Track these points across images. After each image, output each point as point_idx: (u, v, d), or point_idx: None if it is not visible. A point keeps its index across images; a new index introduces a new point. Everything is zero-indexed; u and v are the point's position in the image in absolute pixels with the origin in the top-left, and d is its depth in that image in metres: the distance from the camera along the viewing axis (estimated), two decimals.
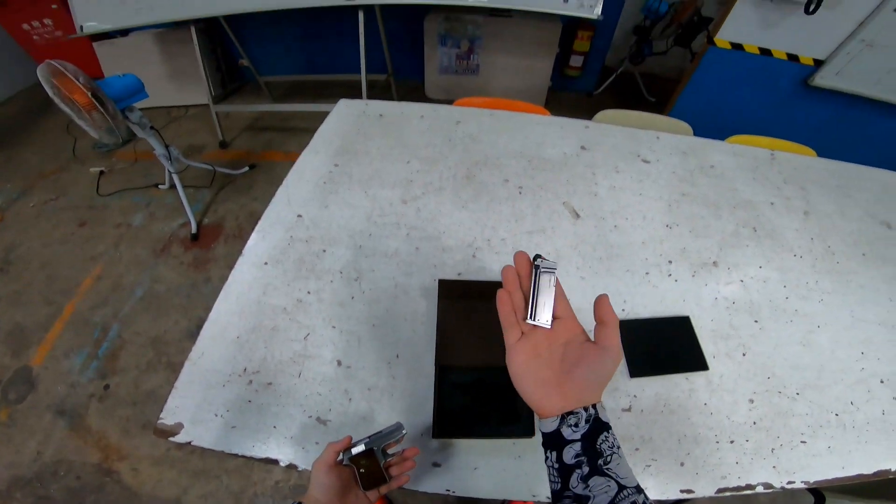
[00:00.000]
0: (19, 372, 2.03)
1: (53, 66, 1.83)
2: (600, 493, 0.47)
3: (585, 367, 0.51)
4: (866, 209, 1.38)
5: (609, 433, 0.50)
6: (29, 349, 2.10)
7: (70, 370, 2.04)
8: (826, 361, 0.98)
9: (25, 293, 2.32)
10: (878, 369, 0.98)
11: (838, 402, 0.92)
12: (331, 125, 1.44)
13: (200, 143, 3.33)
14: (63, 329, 2.18)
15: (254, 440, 0.78)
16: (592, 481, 0.47)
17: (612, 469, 0.48)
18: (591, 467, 0.48)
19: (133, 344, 2.12)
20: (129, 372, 2.02)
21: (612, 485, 0.47)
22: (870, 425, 0.89)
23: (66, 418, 1.89)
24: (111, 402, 1.93)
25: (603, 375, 0.51)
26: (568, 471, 0.49)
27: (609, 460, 0.48)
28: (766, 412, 0.89)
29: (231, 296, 0.98)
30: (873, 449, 0.86)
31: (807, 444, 0.86)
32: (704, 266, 1.13)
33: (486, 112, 1.54)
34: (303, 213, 1.14)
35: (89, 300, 2.29)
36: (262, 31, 3.68)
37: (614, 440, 0.50)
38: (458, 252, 1.09)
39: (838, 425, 0.89)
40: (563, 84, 3.96)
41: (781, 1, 2.34)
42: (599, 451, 0.48)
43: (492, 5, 2.51)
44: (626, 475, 0.48)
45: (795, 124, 2.92)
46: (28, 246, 2.55)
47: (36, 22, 3.52)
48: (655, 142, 1.50)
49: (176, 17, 2.60)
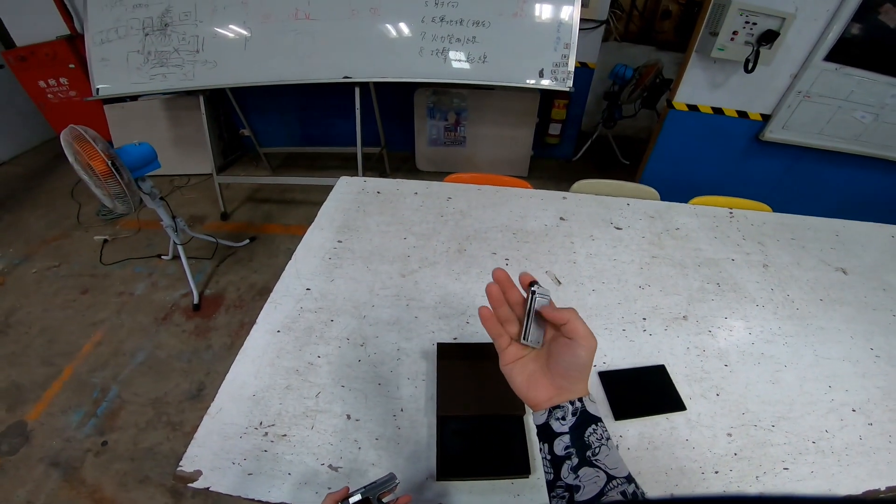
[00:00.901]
0: (13, 426, 2.02)
1: (77, 130, 1.88)
2: (590, 483, 0.49)
3: (562, 359, 0.54)
4: (820, 258, 1.53)
5: (598, 425, 0.52)
6: (25, 405, 2.11)
7: (66, 426, 2.03)
8: (796, 396, 1.06)
9: (24, 354, 2.33)
10: (848, 399, 1.06)
11: (813, 431, 0.99)
12: (333, 202, 1.58)
13: (202, 214, 3.44)
14: (61, 389, 2.18)
15: (269, 486, 0.84)
16: (582, 472, 0.49)
17: (600, 460, 0.50)
18: (580, 458, 0.50)
19: (133, 404, 2.12)
20: (127, 430, 2.02)
21: (601, 475, 0.49)
22: (849, 449, 0.96)
23: (60, 470, 1.88)
24: (108, 456, 1.93)
25: (579, 365, 0.54)
26: (559, 462, 0.52)
27: (597, 452, 0.50)
28: (746, 443, 0.95)
29: (247, 359, 1.06)
30: (857, 471, 0.92)
31: (790, 471, 0.91)
32: (675, 320, 1.24)
33: (474, 188, 1.71)
34: (311, 287, 1.25)
35: (89, 363, 2.30)
36: (263, 102, 3.83)
37: (603, 432, 0.52)
38: (454, 319, 1.20)
39: (817, 451, 0.95)
40: (544, 152, 4.15)
41: (724, 62, 2.55)
42: (587, 444, 0.51)
43: (474, 82, 2.74)
44: (616, 465, 0.50)
45: (753, 179, 3.08)
46: (28, 310, 2.57)
47: (52, 80, 3.63)
48: (626, 208, 1.66)
49: (187, 86, 2.75)
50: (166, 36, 2.65)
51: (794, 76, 2.59)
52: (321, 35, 2.63)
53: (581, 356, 0.54)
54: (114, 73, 2.73)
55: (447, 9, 2.55)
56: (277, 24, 2.62)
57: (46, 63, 3.54)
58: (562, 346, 0.55)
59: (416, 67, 2.67)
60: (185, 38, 2.66)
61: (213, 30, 2.65)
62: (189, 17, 2.62)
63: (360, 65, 2.69)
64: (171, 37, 2.66)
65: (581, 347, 0.54)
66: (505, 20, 2.56)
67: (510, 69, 2.65)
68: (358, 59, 2.68)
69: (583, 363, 0.54)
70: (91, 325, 2.51)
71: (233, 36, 2.66)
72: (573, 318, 0.55)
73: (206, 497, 1.75)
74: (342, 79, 2.70)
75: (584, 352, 0.54)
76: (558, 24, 2.54)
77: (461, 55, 2.65)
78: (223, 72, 2.72)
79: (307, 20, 2.60)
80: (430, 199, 1.63)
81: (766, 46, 2.39)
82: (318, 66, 2.69)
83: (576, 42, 2.55)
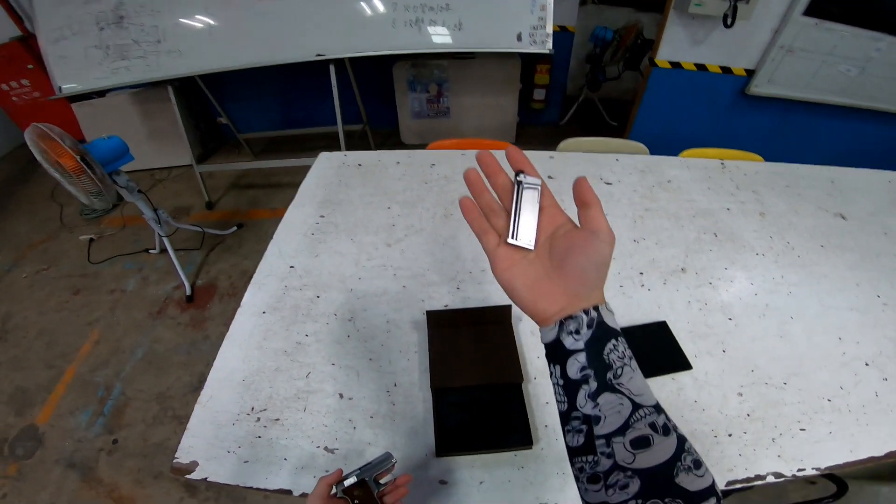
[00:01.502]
0: (25, 430, 2.04)
1: (40, 128, 1.83)
2: (612, 413, 0.40)
3: (577, 256, 0.44)
4: (818, 204, 1.50)
5: (619, 341, 0.43)
6: (33, 409, 2.12)
7: (76, 427, 2.05)
8: (805, 350, 1.04)
9: (25, 359, 2.34)
10: (860, 352, 1.04)
11: (827, 388, 0.96)
12: (313, 178, 1.53)
13: (187, 205, 3.40)
14: (66, 390, 2.19)
15: (267, 473, 0.82)
16: (602, 399, 0.41)
17: (623, 384, 0.41)
18: (600, 382, 0.41)
19: (137, 400, 2.14)
20: (135, 426, 2.04)
21: (625, 403, 0.40)
22: (866, 407, 0.93)
23: (77, 471, 1.89)
24: (120, 454, 1.95)
25: (598, 262, 0.44)
26: (574, 387, 0.43)
27: (620, 373, 0.41)
28: (758, 403, 0.93)
29: (234, 343, 1.03)
30: (878, 431, 0.89)
31: (807, 432, 0.88)
32: (674, 273, 1.22)
33: (458, 153, 1.66)
34: (295, 264, 1.21)
35: (90, 363, 2.31)
36: (237, 89, 3.76)
37: (625, 349, 0.43)
38: (443, 286, 1.16)
39: (833, 410, 0.92)
40: (530, 118, 4.13)
41: (703, 18, 2.51)
42: (607, 363, 0.42)
43: (449, 50, 2.68)
44: (642, 391, 0.42)
45: (742, 133, 3.07)
46: (24, 315, 2.56)
47: (14, 83, 3.54)
48: (615, 164, 1.62)
49: (152, 77, 2.67)
50: (123, 28, 2.56)
51: (775, 31, 2.56)
52: (288, 15, 2.55)
53: (603, 251, 0.44)
54: (74, 71, 2.65)
55: None
56: (241, 8, 2.54)
57: (3, 66, 3.45)
58: (576, 243, 0.45)
59: (391, 40, 2.60)
60: (144, 29, 2.56)
61: (173, 19, 2.55)
62: (144, 7, 2.52)
63: (332, 42, 2.61)
64: (128, 29, 2.56)
65: (603, 242, 0.44)
66: None
67: (487, 35, 2.58)
68: (329, 36, 2.60)
69: (603, 260, 0.44)
70: (87, 324, 2.51)
71: (195, 23, 2.58)
72: (600, 207, 0.45)
73: (220, 489, 1.77)
74: (315, 57, 2.63)
75: (607, 247, 0.44)
76: None
77: (436, 24, 2.57)
78: (189, 60, 2.63)
79: (271, 1, 2.52)
80: (413, 167, 1.58)
81: (744, 1, 2.35)
82: (289, 47, 2.61)
83: (552, 4, 2.49)
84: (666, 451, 0.39)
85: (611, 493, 0.40)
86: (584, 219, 0.45)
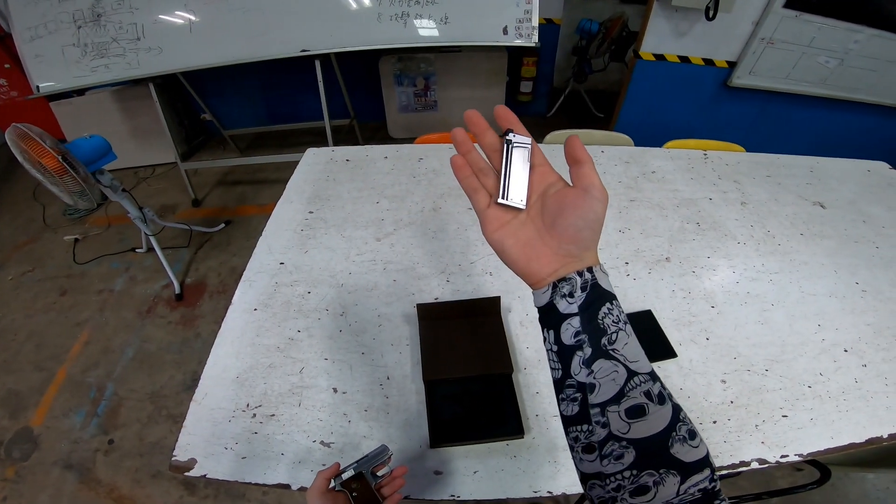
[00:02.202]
0: (20, 432, 2.03)
1: (20, 128, 1.81)
2: (606, 381, 0.40)
3: (569, 214, 0.43)
4: (797, 193, 1.53)
5: (613, 304, 0.42)
6: (26, 411, 2.10)
7: (71, 428, 2.03)
8: (786, 336, 1.06)
9: (15, 361, 2.32)
10: (839, 338, 1.06)
11: (808, 374, 0.98)
12: (301, 174, 1.53)
13: (173, 203, 3.36)
14: (58, 392, 2.18)
15: (264, 468, 0.83)
16: (597, 365, 0.40)
17: (618, 350, 0.40)
18: (594, 348, 0.40)
19: (131, 400, 2.13)
20: (131, 426, 2.03)
21: (619, 370, 0.40)
22: (846, 394, 0.95)
23: (75, 472, 1.89)
24: (117, 454, 1.94)
25: (591, 220, 0.43)
26: (568, 353, 0.42)
27: (615, 339, 0.40)
28: (741, 390, 0.95)
29: (226, 341, 1.04)
30: (857, 417, 0.91)
31: (789, 418, 0.90)
32: (658, 262, 1.24)
33: (446, 146, 1.66)
34: (285, 261, 1.22)
35: (81, 364, 2.29)
36: (221, 84, 3.72)
37: (619, 314, 0.42)
38: (433, 279, 1.18)
39: (814, 397, 0.94)
40: (518, 110, 4.02)
41: (686, 10, 2.54)
42: (602, 328, 0.41)
43: (436, 44, 2.67)
44: (637, 358, 0.41)
45: (725, 124, 3.11)
46: (11, 318, 2.53)
47: None
48: (601, 155, 1.64)
49: (132, 75, 2.63)
50: (101, 26, 2.52)
51: (755, 23, 2.59)
52: (272, 10, 2.52)
53: (596, 209, 0.42)
54: (52, 69, 2.60)
55: None
56: (222, 3, 2.50)
57: None
58: (568, 201, 0.43)
59: (376, 34, 2.59)
60: (122, 26, 2.52)
61: (152, 16, 2.51)
62: (122, 4, 2.48)
63: (317, 37, 2.59)
64: (106, 27, 2.52)
65: (596, 199, 0.42)
66: None
67: (473, 28, 2.58)
68: (314, 31, 2.57)
69: (596, 218, 0.43)
70: (76, 325, 2.48)
71: (175, 20, 2.54)
72: (592, 164, 0.44)
73: (219, 486, 1.77)
74: (299, 53, 2.61)
75: (600, 205, 0.43)
76: None
77: (422, 18, 2.56)
78: (170, 57, 2.60)
79: None
80: (401, 161, 1.59)
81: None
82: (273, 42, 2.59)
83: None
84: (661, 420, 0.39)
85: (605, 464, 0.40)
86: (575, 176, 0.44)
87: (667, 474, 0.37)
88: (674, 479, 0.37)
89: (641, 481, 0.38)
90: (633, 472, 0.38)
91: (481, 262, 1.22)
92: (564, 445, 0.83)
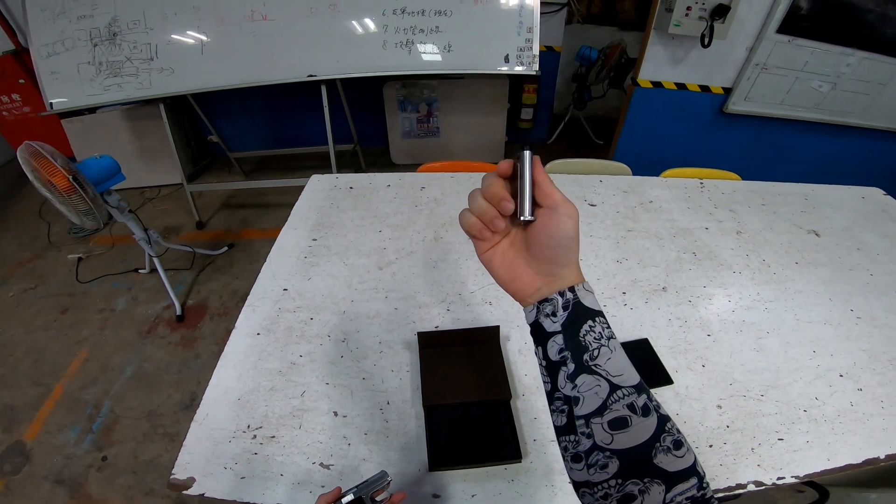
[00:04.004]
0: (13, 446, 2.01)
1: (34, 147, 1.82)
2: (589, 395, 0.41)
3: (541, 236, 0.44)
4: (792, 221, 1.56)
5: (596, 321, 0.43)
6: (20, 426, 2.09)
7: (65, 443, 2.02)
8: (781, 362, 1.08)
9: (12, 377, 2.31)
10: (834, 364, 1.08)
11: (803, 399, 0.99)
12: (305, 201, 1.56)
13: (177, 224, 3.38)
14: (54, 407, 2.17)
15: (263, 488, 0.83)
16: (580, 380, 0.42)
17: (600, 365, 0.41)
18: (577, 364, 0.42)
19: (127, 418, 2.12)
20: (126, 443, 2.02)
21: (602, 384, 0.41)
22: (841, 416, 0.96)
23: (66, 487, 1.87)
24: (110, 471, 1.92)
25: (563, 238, 0.44)
26: (555, 368, 0.44)
27: (597, 355, 0.42)
28: (737, 415, 0.96)
29: (229, 363, 1.05)
30: (854, 439, 0.92)
31: (785, 441, 0.91)
32: (655, 292, 1.26)
33: (447, 175, 1.70)
34: (288, 287, 1.24)
35: (78, 381, 2.29)
36: (229, 107, 3.77)
37: (602, 330, 0.43)
38: (434, 307, 1.20)
39: (809, 420, 0.95)
40: (518, 137, 4.18)
41: (682, 37, 2.60)
42: (583, 345, 0.42)
43: (440, 72, 2.74)
44: (621, 372, 0.42)
45: (721, 150, 3.15)
46: (10, 334, 2.54)
47: (4, 97, 3.51)
48: (599, 185, 1.68)
49: (144, 95, 2.68)
50: (116, 45, 2.58)
51: (750, 49, 2.65)
52: (281, 35, 2.59)
53: (566, 228, 0.43)
54: (66, 86, 2.66)
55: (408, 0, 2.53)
56: (234, 26, 2.57)
57: None
58: (540, 224, 0.45)
59: (382, 61, 2.65)
60: (137, 46, 2.59)
61: (166, 37, 2.58)
62: (138, 25, 2.55)
63: (323, 62, 2.65)
64: (121, 46, 2.58)
65: (563, 216, 0.43)
66: (466, 7, 2.54)
67: (476, 56, 2.64)
68: (321, 56, 2.64)
69: (568, 237, 0.44)
70: (75, 343, 2.49)
71: (188, 41, 2.60)
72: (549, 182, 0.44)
73: None
74: (306, 77, 2.67)
75: (569, 221, 0.44)
76: (520, 8, 2.53)
77: (426, 46, 2.63)
78: (181, 78, 2.66)
79: (264, 21, 2.55)
80: (404, 189, 1.62)
81: (720, 20, 2.43)
82: (281, 67, 2.65)
83: (538, 26, 2.55)
84: (644, 432, 0.40)
85: (592, 473, 0.41)
86: (539, 198, 0.45)
87: (651, 483, 0.39)
88: (658, 487, 0.39)
89: (627, 490, 0.40)
90: (618, 480, 0.40)
91: (481, 292, 1.24)
92: (561, 469, 0.85)
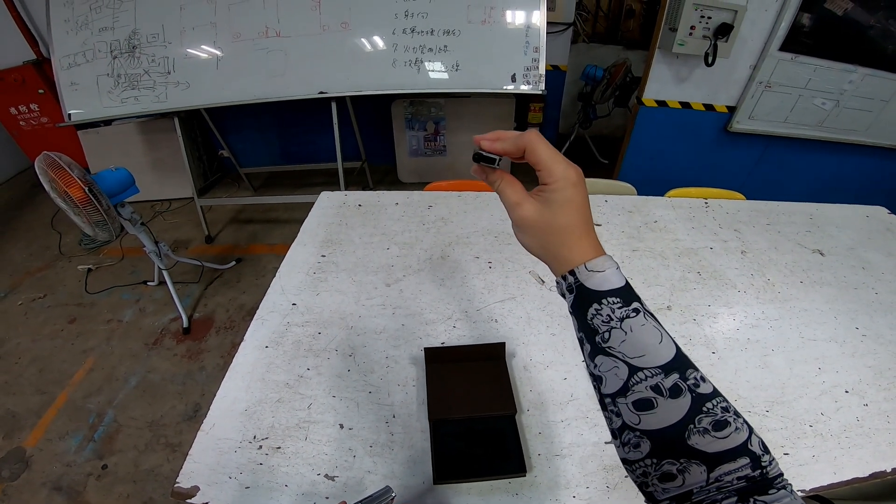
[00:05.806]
0: (12, 453, 2.02)
1: (51, 157, 1.85)
2: (609, 375, 0.40)
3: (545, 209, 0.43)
4: (797, 241, 1.57)
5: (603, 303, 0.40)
6: (22, 432, 2.10)
7: (65, 451, 2.04)
8: (786, 379, 1.08)
9: (16, 384, 2.33)
10: (839, 380, 1.08)
11: (809, 414, 1.00)
12: (315, 217, 1.59)
13: (186, 238, 3.43)
14: (56, 415, 2.18)
15: (268, 499, 0.84)
16: (598, 360, 0.41)
17: (614, 347, 0.39)
18: (592, 345, 0.41)
19: (129, 427, 2.13)
20: (127, 452, 2.03)
21: (620, 366, 0.39)
22: (847, 431, 0.96)
23: (64, 494, 1.87)
24: (110, 480, 1.93)
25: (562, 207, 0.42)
26: (581, 345, 0.43)
27: (608, 337, 0.40)
28: None
29: (237, 375, 1.06)
30: (860, 453, 0.92)
31: (790, 456, 0.92)
32: (659, 311, 1.27)
33: (454, 194, 1.72)
34: (297, 302, 1.26)
35: (83, 390, 2.31)
36: (240, 122, 3.83)
37: (612, 311, 0.40)
38: (440, 324, 1.21)
39: (815, 435, 0.96)
40: None
41: (686, 56, 2.63)
42: (593, 327, 0.40)
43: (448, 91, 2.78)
44: (641, 353, 0.39)
45: (725, 169, 3.16)
46: (17, 342, 2.56)
47: (23, 107, 3.56)
48: (604, 205, 1.69)
49: (160, 108, 2.73)
50: (135, 58, 2.64)
51: (753, 67, 2.68)
52: (293, 51, 2.65)
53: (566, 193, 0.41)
54: (84, 98, 2.72)
55: (417, 20, 2.58)
56: (248, 42, 2.63)
57: (15, 89, 3.47)
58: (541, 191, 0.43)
59: (391, 79, 2.70)
60: (155, 59, 2.65)
61: (183, 51, 2.65)
62: (157, 38, 2.61)
63: (334, 80, 2.71)
64: (140, 59, 2.64)
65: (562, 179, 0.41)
66: (474, 28, 2.59)
67: (483, 76, 2.69)
68: (332, 73, 2.69)
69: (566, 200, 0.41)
70: (81, 352, 2.51)
71: (204, 56, 2.67)
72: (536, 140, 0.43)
73: None
74: (317, 94, 2.72)
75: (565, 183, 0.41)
76: (526, 28, 2.58)
77: (434, 64, 2.68)
78: (196, 92, 2.72)
79: (278, 37, 2.62)
80: (411, 208, 1.65)
81: (723, 39, 2.46)
82: (293, 83, 2.71)
83: (545, 45, 2.60)
84: (674, 413, 0.38)
85: (627, 451, 0.40)
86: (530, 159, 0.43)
87: (689, 464, 0.37)
88: (698, 468, 0.37)
89: (664, 469, 0.38)
90: (653, 460, 0.39)
91: (487, 310, 1.26)
92: (566, 484, 0.87)
